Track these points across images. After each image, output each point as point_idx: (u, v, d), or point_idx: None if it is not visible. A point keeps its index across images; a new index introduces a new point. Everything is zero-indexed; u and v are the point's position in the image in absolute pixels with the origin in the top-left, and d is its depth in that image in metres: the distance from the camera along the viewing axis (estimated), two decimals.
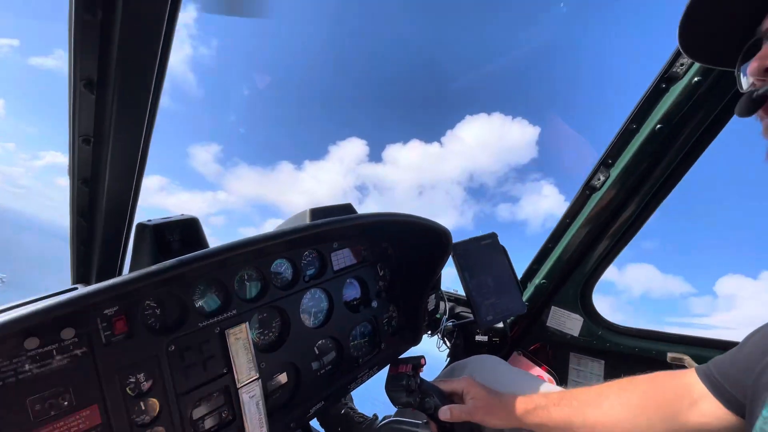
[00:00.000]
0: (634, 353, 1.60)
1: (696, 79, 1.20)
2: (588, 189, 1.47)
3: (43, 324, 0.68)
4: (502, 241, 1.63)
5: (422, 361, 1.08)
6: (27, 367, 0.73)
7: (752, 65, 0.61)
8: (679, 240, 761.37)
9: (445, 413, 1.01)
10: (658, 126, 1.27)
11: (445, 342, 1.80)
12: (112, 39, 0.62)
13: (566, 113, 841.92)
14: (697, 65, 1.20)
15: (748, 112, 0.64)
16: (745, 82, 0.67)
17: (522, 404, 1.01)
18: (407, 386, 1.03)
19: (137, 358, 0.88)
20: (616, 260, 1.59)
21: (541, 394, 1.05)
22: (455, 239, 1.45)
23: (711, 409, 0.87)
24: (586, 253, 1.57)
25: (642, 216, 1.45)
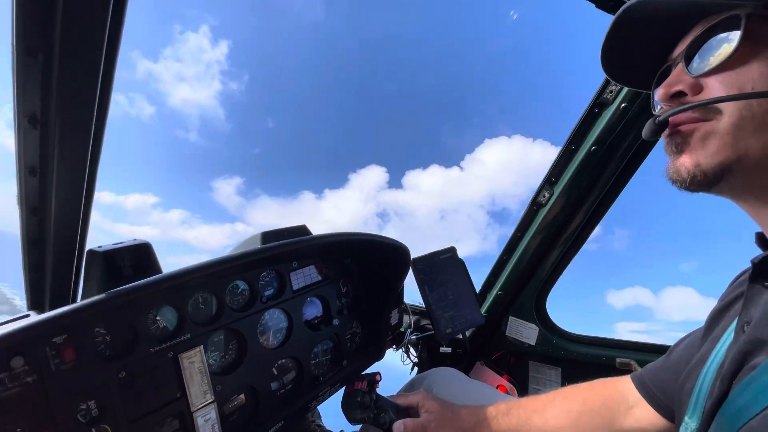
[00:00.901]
0: (587, 359, 1.68)
1: (623, 105, 1.32)
2: (535, 205, 1.57)
3: None
4: None
5: (377, 377, 1.12)
6: None
7: (659, 91, 0.65)
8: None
9: (399, 427, 1.04)
10: (593, 147, 1.38)
11: (409, 355, 1.84)
12: (51, 79, 0.65)
13: None
14: (624, 91, 1.32)
15: (652, 135, 0.67)
16: (657, 105, 0.70)
17: (473, 416, 1.06)
18: (362, 402, 1.06)
19: (87, 385, 0.88)
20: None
21: (493, 405, 1.10)
22: (479, 265, 1.50)
23: (644, 414, 0.92)
24: (538, 264, 1.66)
25: (587, 228, 1.56)
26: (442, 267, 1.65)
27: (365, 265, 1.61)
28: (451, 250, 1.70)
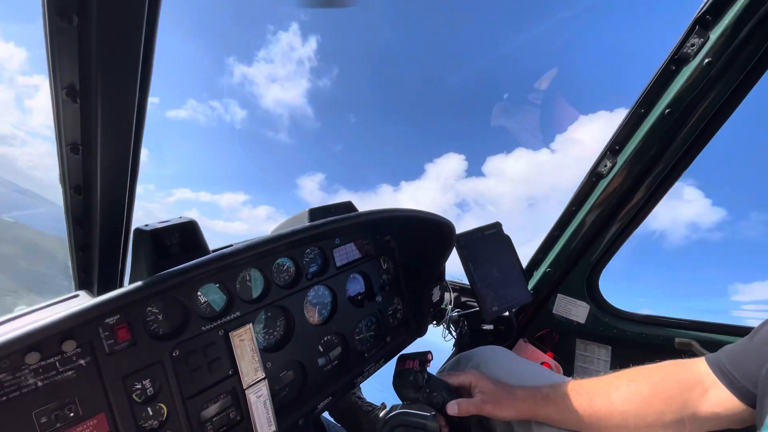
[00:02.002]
0: (642, 339, 1.59)
1: (707, 60, 1.14)
2: (594, 176, 1.43)
3: (43, 339, 0.67)
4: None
5: (429, 356, 1.08)
6: (30, 380, 0.73)
7: None
8: None
9: (453, 408, 1.01)
10: (667, 110, 1.22)
11: (450, 332, 1.81)
12: (90, 44, 0.59)
13: None
14: (709, 45, 1.14)
15: None
16: None
17: (530, 395, 1.01)
18: (414, 382, 1.03)
19: (142, 364, 0.88)
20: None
21: (550, 385, 1.05)
22: None
23: (721, 399, 0.86)
24: (592, 241, 1.54)
25: (650, 202, 1.42)
26: (486, 243, 1.56)
27: (406, 242, 1.54)
28: (496, 226, 1.61)
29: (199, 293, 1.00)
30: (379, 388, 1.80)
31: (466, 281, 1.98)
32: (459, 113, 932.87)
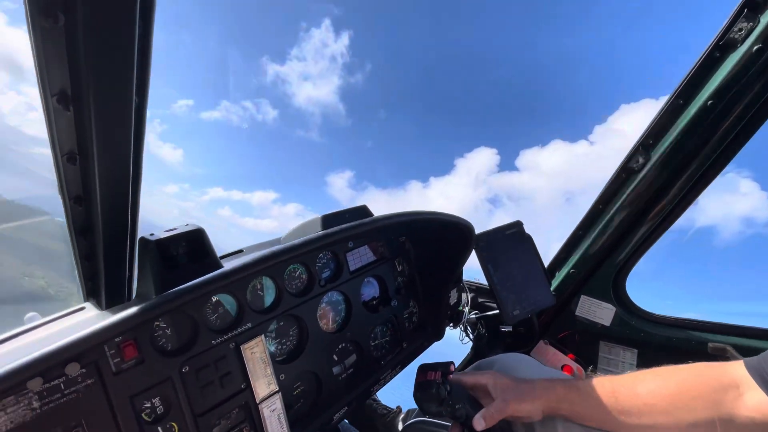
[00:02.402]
0: (671, 343, 1.51)
1: (757, 46, 1.03)
2: (624, 172, 1.34)
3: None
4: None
5: (451, 367, 1.02)
6: (35, 404, 0.69)
7: None
8: None
9: (480, 423, 0.95)
10: (709, 102, 1.12)
11: (467, 334, 1.75)
12: (78, 45, 0.52)
13: None
14: (759, 30, 1.03)
15: None
16: None
17: (552, 387, 0.95)
18: (437, 395, 0.97)
19: (150, 382, 0.84)
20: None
21: (573, 379, 0.99)
22: None
23: (760, 404, 0.81)
24: (620, 241, 1.45)
25: (685, 200, 1.32)
26: (507, 244, 1.49)
27: (422, 244, 1.48)
28: (517, 225, 1.53)
29: (209, 305, 0.96)
30: (393, 392, 1.76)
31: (483, 281, 1.91)
32: (490, 106, 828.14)
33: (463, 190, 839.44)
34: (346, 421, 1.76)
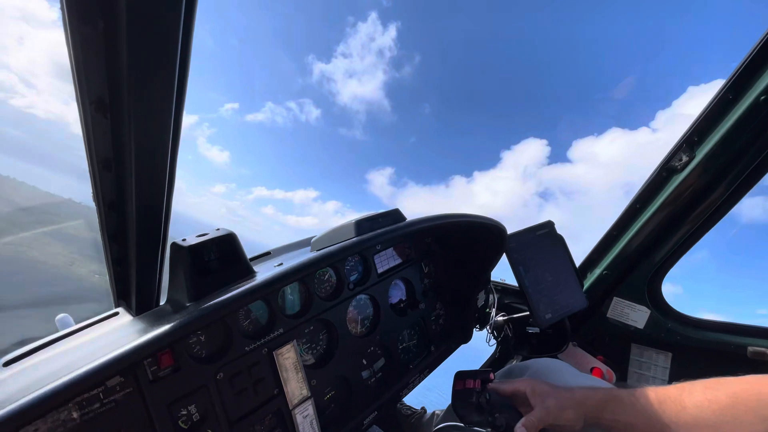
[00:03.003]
0: (708, 346, 1.45)
1: None
2: (666, 170, 1.27)
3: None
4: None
5: (491, 375, 0.99)
6: (74, 414, 0.69)
7: None
8: None
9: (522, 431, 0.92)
10: (762, 97, 1.05)
11: (493, 335, 1.71)
12: (118, 50, 0.50)
13: None
14: None
15: None
16: None
17: (594, 395, 0.92)
18: (477, 404, 0.94)
19: (186, 390, 0.83)
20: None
21: (616, 388, 0.95)
22: None
23: None
24: (658, 242, 1.39)
25: (729, 201, 1.25)
26: (538, 244, 1.44)
27: (450, 246, 1.44)
28: (548, 225, 1.48)
29: (241, 312, 0.94)
30: (418, 393, 1.75)
31: (509, 281, 1.87)
32: (539, 96, 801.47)
33: (510, 184, 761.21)
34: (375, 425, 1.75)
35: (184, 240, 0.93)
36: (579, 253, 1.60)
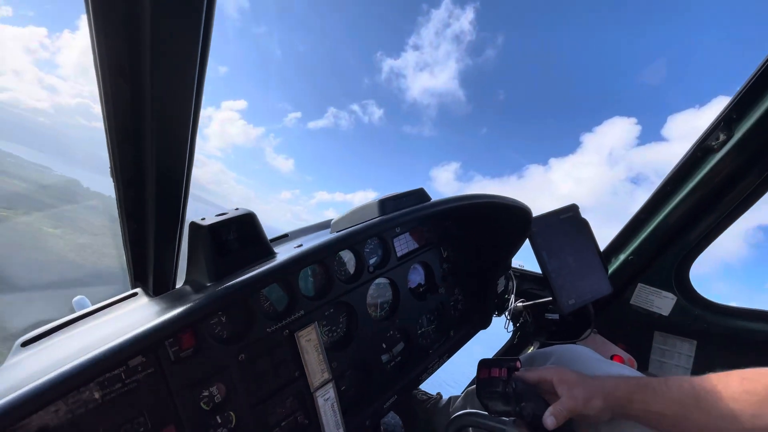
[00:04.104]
0: (736, 334, 1.40)
1: None
2: (700, 151, 1.21)
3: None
4: None
5: (518, 364, 0.95)
6: (96, 395, 0.67)
7: None
8: None
9: (551, 420, 0.89)
10: None
11: (513, 322, 1.68)
12: (142, 15, 0.46)
13: None
14: None
15: None
16: None
17: (624, 384, 0.88)
18: (504, 393, 0.91)
19: (208, 371, 0.82)
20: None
21: (646, 377, 0.92)
22: None
23: None
24: (688, 226, 1.34)
25: (766, 183, 1.19)
26: (562, 229, 1.39)
27: (471, 229, 1.40)
28: (573, 209, 1.43)
29: (262, 292, 0.92)
30: (433, 378, 1.73)
31: (527, 267, 1.83)
32: (626, 69, 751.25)
33: (594, 170, 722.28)
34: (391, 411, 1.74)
35: (203, 219, 0.90)
36: None
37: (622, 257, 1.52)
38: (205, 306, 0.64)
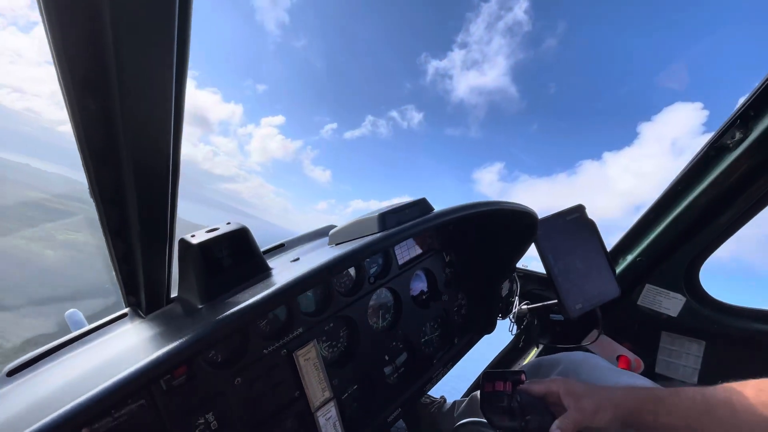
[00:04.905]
0: (747, 335, 1.37)
1: None
2: (714, 149, 1.16)
3: None
4: None
5: (522, 377, 0.92)
6: (84, 431, 0.63)
7: None
8: None
9: None
10: None
11: (518, 324, 1.64)
12: (103, 19, 0.40)
13: None
14: None
15: None
16: None
17: (634, 398, 0.85)
18: (509, 408, 0.88)
19: (203, 397, 0.78)
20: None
21: (657, 388, 0.88)
22: None
23: None
24: (699, 226, 1.29)
25: None
26: (568, 230, 1.35)
27: (476, 234, 1.35)
28: (579, 210, 1.38)
29: None
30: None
31: (531, 267, 1.79)
32: (690, 50, 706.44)
33: (656, 163, 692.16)
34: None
35: (193, 236, 0.85)
36: None
37: (629, 258, 1.47)
38: (198, 342, 0.59)
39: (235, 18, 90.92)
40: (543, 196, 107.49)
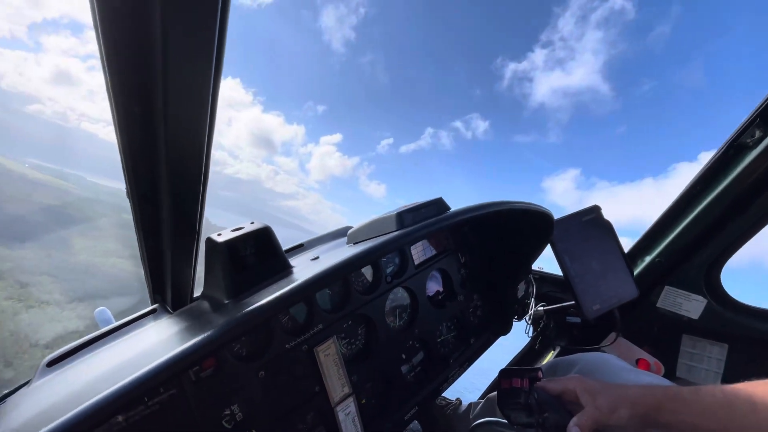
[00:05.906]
0: None
1: None
2: (734, 148, 1.15)
3: None
4: None
5: (539, 374, 0.92)
6: (120, 419, 0.67)
7: None
8: None
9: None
10: None
11: (534, 326, 1.64)
12: (152, 35, 0.44)
13: None
14: None
15: None
16: None
17: (652, 396, 0.84)
18: (526, 405, 0.88)
19: (229, 389, 0.81)
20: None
21: (675, 386, 0.87)
22: None
23: None
24: (720, 227, 1.27)
25: None
26: (584, 231, 1.35)
27: (492, 234, 1.36)
28: (595, 210, 1.38)
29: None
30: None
31: (547, 269, 1.78)
32: None
33: None
34: None
35: (219, 235, 0.89)
36: None
37: (648, 259, 1.46)
38: (227, 333, 0.62)
39: (305, 39, 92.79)
40: (623, 206, 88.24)
